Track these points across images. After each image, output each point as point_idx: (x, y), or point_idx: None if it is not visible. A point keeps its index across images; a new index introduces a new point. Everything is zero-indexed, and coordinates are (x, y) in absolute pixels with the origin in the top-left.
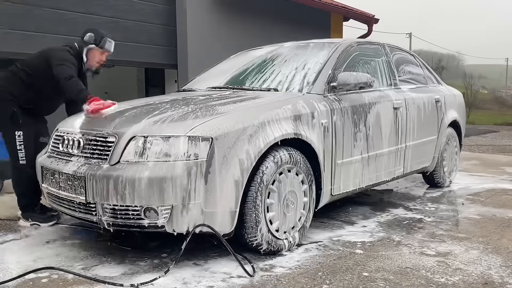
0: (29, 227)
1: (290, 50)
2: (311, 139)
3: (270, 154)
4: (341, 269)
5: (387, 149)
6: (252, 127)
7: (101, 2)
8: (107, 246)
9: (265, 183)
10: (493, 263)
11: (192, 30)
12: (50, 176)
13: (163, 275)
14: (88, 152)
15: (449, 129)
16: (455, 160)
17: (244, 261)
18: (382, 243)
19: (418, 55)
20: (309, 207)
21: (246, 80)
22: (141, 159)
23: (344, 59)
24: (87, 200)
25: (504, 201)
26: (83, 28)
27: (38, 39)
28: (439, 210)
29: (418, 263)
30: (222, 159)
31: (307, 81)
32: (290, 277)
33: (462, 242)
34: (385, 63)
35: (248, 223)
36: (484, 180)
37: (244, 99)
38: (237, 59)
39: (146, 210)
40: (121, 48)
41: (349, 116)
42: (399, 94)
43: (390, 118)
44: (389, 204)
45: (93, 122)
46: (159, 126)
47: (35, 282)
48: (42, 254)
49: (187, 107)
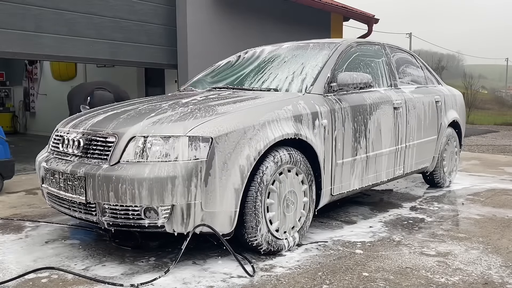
0: (29, 227)
1: (290, 50)
2: (311, 139)
3: (270, 154)
4: (341, 269)
5: (387, 149)
6: (252, 127)
7: (101, 2)
8: (107, 246)
9: (265, 183)
10: (493, 263)
11: (192, 30)
12: (50, 176)
13: (163, 275)
14: (88, 152)
15: (449, 129)
16: (455, 160)
17: (244, 261)
18: (382, 243)
19: (418, 55)
20: (309, 207)
21: (246, 80)
22: (141, 159)
23: (344, 59)
24: (87, 200)
25: (504, 201)
26: (83, 28)
27: (38, 39)
28: (439, 210)
29: (418, 263)
30: (222, 159)
31: (307, 81)
32: (290, 277)
33: (462, 242)
34: (385, 63)
35: (248, 223)
36: (484, 180)
37: (244, 99)
38: (237, 59)
39: (146, 210)
40: (121, 48)
41: (349, 116)
42: (399, 94)
43: (390, 118)
44: (389, 204)
45: (93, 122)
46: (159, 126)
47: (35, 282)
48: (42, 254)
49: (187, 107)
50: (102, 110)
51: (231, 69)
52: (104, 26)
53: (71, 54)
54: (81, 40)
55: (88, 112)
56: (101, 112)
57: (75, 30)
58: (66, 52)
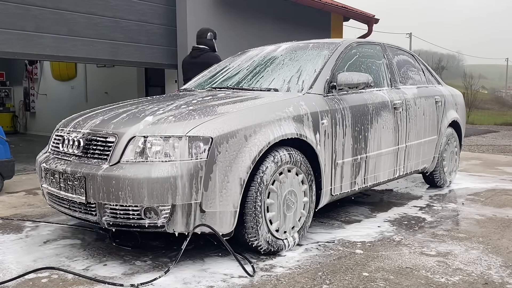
0: (29, 227)
1: (290, 50)
2: (311, 139)
3: (270, 154)
4: (341, 269)
5: (387, 149)
6: (252, 127)
7: (101, 2)
8: (107, 246)
9: (265, 183)
10: (493, 263)
11: (192, 30)
12: (50, 176)
13: (163, 275)
14: (88, 152)
15: (449, 129)
16: (455, 160)
17: (244, 261)
18: (382, 243)
19: (418, 55)
20: (309, 207)
21: (246, 81)
22: (141, 159)
23: (344, 59)
24: (87, 200)
25: (504, 201)
26: (83, 28)
27: (38, 39)
28: (439, 210)
29: (418, 263)
30: (222, 159)
31: (307, 82)
32: (290, 277)
33: (462, 242)
34: (385, 64)
35: (248, 223)
36: (484, 180)
37: (244, 100)
38: (237, 59)
39: (146, 210)
40: (121, 48)
41: (349, 116)
42: (399, 94)
43: (390, 118)
44: (389, 204)
45: (93, 122)
46: (159, 126)
47: (35, 282)
48: (42, 254)
49: (187, 107)
50: (102, 110)
51: (231, 69)
52: (104, 26)
53: (71, 54)
54: (81, 40)
55: (88, 112)
56: (102, 112)
57: (75, 30)
58: (66, 52)
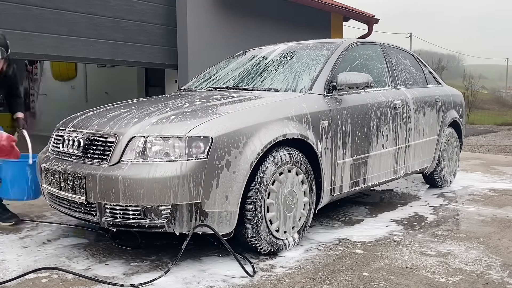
0: (29, 227)
1: (290, 50)
2: (311, 139)
3: (270, 154)
4: (341, 269)
5: (387, 149)
6: (252, 127)
7: (101, 2)
8: (107, 246)
9: (265, 183)
10: (493, 263)
11: (192, 30)
12: (50, 176)
13: (163, 275)
14: (88, 152)
15: (449, 129)
16: (455, 160)
17: (244, 261)
18: (382, 243)
19: (418, 55)
20: (309, 207)
21: (246, 80)
22: (141, 159)
23: (344, 59)
24: (87, 200)
25: (504, 201)
26: (83, 28)
27: (38, 39)
28: (439, 210)
29: (418, 263)
30: (222, 159)
31: (307, 81)
32: (290, 277)
33: (462, 242)
34: (385, 64)
35: (248, 223)
36: (484, 180)
37: (244, 100)
38: (237, 59)
39: (146, 210)
40: (121, 48)
41: (349, 116)
42: (399, 94)
43: (390, 118)
44: (389, 204)
45: (94, 122)
46: (159, 126)
47: (35, 282)
48: (42, 254)
49: (187, 107)
50: (103, 110)
51: (231, 69)
52: (104, 26)
53: (71, 54)
54: (81, 40)
55: (88, 112)
56: (102, 112)
57: (75, 30)
58: (66, 52)
